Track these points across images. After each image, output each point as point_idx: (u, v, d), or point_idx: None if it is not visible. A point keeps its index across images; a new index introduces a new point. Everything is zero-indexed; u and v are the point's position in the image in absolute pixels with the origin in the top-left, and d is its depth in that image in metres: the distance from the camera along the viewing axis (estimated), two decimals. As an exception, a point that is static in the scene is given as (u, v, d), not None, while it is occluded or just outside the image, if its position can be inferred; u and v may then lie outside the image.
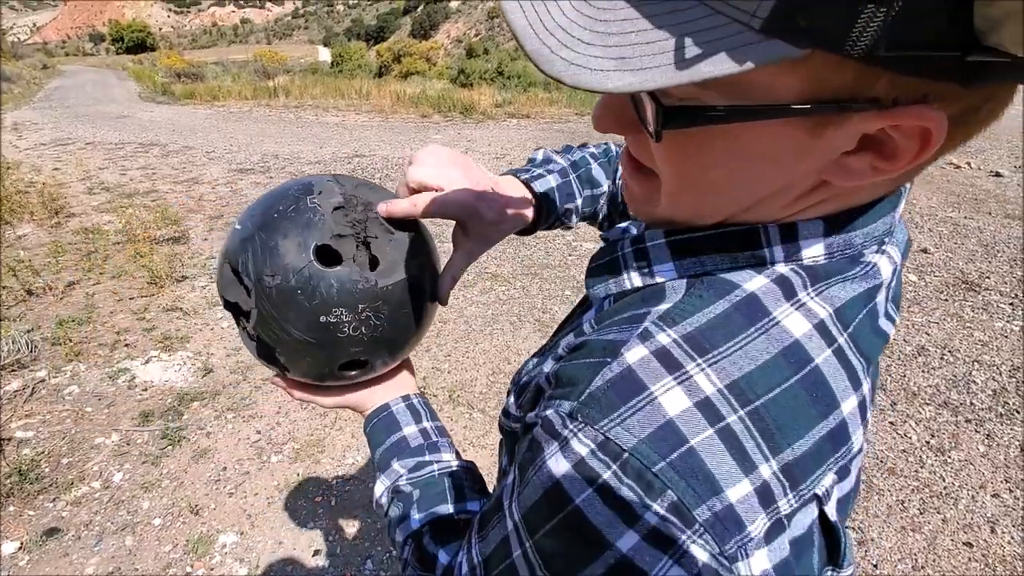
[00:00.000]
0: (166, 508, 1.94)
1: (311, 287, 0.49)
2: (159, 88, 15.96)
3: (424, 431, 0.58)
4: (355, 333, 0.51)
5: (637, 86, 0.24)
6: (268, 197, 0.54)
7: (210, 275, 3.83)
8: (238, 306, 0.52)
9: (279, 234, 0.50)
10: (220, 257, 0.54)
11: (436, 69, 18.49)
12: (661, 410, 0.29)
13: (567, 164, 0.67)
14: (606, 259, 0.40)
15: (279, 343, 0.52)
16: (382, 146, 8.42)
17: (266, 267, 0.49)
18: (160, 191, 5.98)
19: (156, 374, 2.73)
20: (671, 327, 0.31)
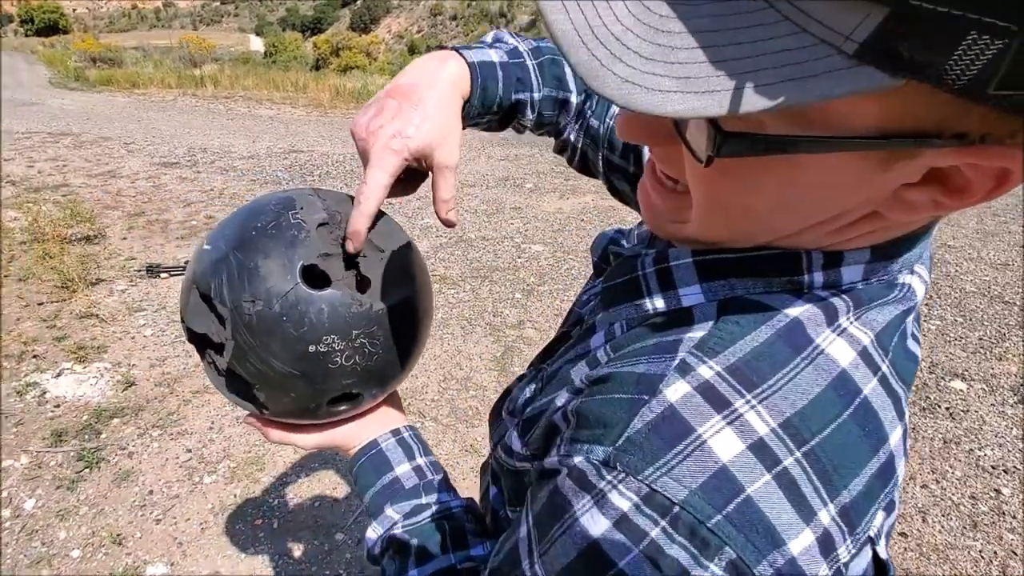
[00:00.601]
0: (85, 538, 1.75)
1: (298, 313, 0.44)
2: (72, 74, 14.67)
3: (418, 469, 0.53)
4: (348, 363, 0.46)
5: (702, 111, 0.21)
6: (242, 213, 0.48)
7: (130, 278, 3.53)
8: (207, 338, 0.45)
9: (259, 254, 0.44)
10: (185, 283, 0.47)
11: (377, 64, 18.05)
12: (712, 455, 0.26)
13: (525, 48, 0.55)
14: (623, 279, 0.36)
15: (259, 378, 0.45)
16: (321, 142, 8.10)
17: (245, 292, 0.43)
18: (72, 185, 5.47)
19: (69, 388, 2.48)
20: (712, 358, 0.29)
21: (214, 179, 5.88)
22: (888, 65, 0.20)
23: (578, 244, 4.49)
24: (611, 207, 5.52)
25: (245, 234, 0.45)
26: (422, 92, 0.46)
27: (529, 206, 5.49)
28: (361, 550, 1.76)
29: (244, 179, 5.92)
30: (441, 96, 0.47)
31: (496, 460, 0.55)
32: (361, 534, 1.82)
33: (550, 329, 3.19)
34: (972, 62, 0.19)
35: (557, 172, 6.91)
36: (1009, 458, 2.18)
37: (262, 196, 0.50)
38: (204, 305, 0.45)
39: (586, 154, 0.64)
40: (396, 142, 0.44)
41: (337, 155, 7.24)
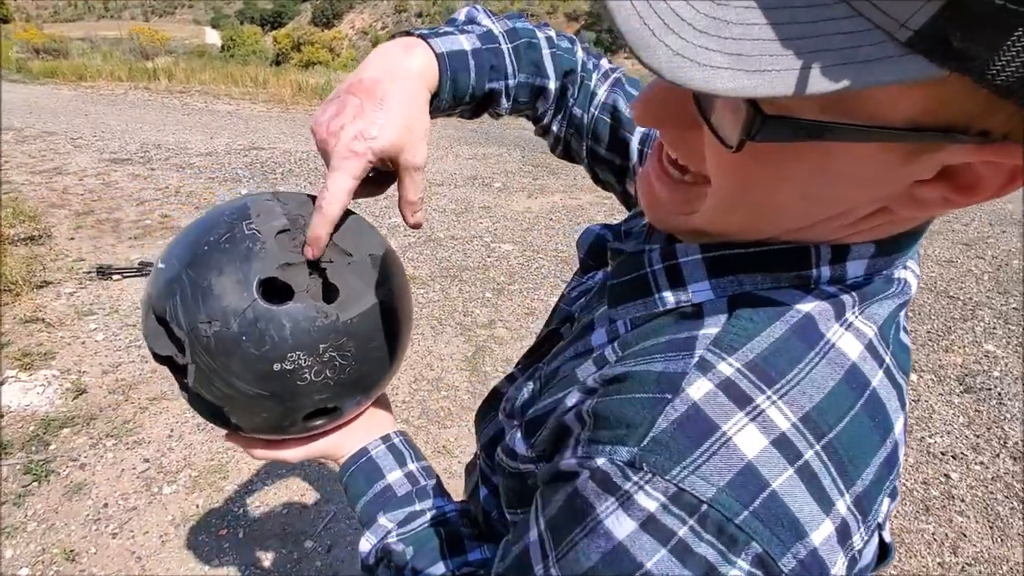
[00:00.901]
0: (34, 556, 1.65)
1: (258, 331, 0.41)
2: (13, 65, 13.85)
3: (410, 475, 0.51)
4: (318, 378, 0.43)
5: (751, 91, 0.21)
6: (195, 227, 0.46)
7: (79, 280, 3.35)
8: (172, 360, 0.44)
9: (212, 271, 0.42)
10: (143, 303, 0.45)
11: (340, 60, 17.71)
12: (738, 452, 0.26)
13: (500, 30, 0.52)
14: (630, 276, 0.36)
15: (226, 400, 0.43)
16: (283, 139, 7.89)
17: (200, 312, 0.41)
18: (14, 183, 5.16)
19: (14, 397, 2.33)
20: (731, 355, 0.29)
21: (169, 176, 5.65)
22: (937, 55, 0.20)
23: (547, 243, 4.51)
24: (579, 206, 5.57)
25: (198, 250, 0.43)
26: (386, 87, 0.43)
27: (498, 205, 5.47)
28: (331, 557, 1.72)
29: (202, 177, 5.71)
30: (406, 92, 0.44)
31: (487, 462, 0.53)
32: (331, 540, 1.77)
33: (521, 328, 3.19)
34: (1014, 58, 0.19)
35: (525, 171, 6.93)
36: (957, 444, 2.29)
37: (217, 206, 0.47)
38: (161, 328, 0.43)
39: (569, 143, 0.62)
40: (359, 144, 0.42)
41: (300, 152, 7.06)
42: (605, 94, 0.59)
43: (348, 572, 1.68)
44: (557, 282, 3.80)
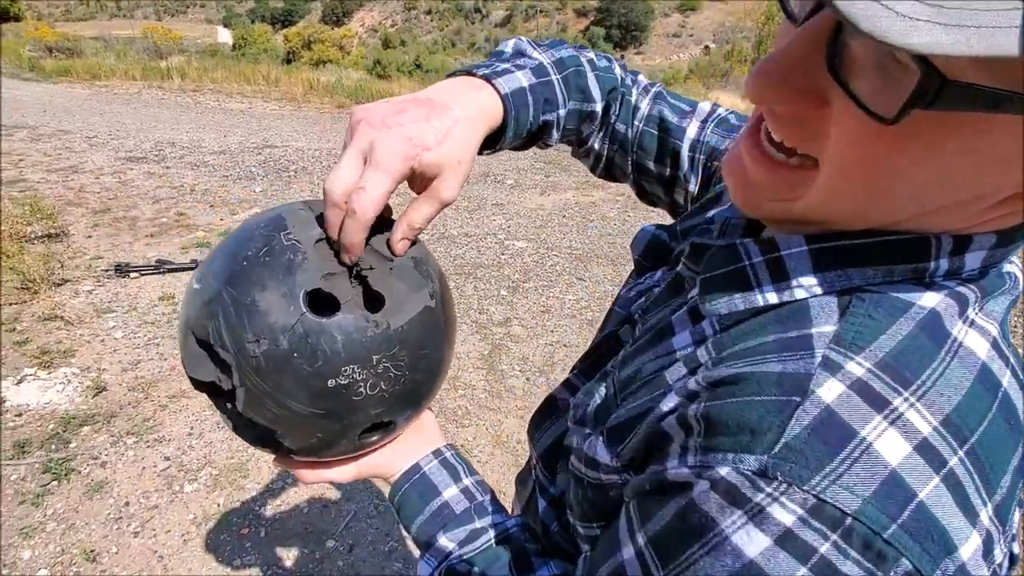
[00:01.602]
0: (54, 557, 1.64)
1: (309, 346, 0.39)
2: (26, 63, 14.01)
3: (466, 490, 0.49)
4: (373, 392, 0.41)
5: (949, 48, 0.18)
6: (229, 242, 0.43)
7: (97, 277, 3.37)
8: (216, 386, 0.41)
9: (254, 286, 0.39)
10: (181, 328, 0.42)
11: (351, 58, 17.73)
12: (881, 459, 0.24)
13: (548, 61, 0.51)
14: (727, 269, 0.33)
15: (279, 422, 0.40)
16: (296, 137, 7.91)
17: (246, 331, 0.38)
18: (30, 180, 5.20)
19: (33, 396, 2.34)
20: (857, 354, 0.27)
21: (184, 175, 5.67)
22: None
23: (560, 240, 4.47)
24: (591, 203, 5.52)
25: (236, 266, 0.40)
26: (455, 112, 0.42)
27: (511, 202, 5.44)
28: (353, 557, 1.70)
29: (216, 175, 5.73)
30: (471, 124, 0.43)
31: (544, 472, 0.50)
32: (352, 540, 1.75)
33: (537, 326, 3.16)
34: None
35: (537, 168, 6.89)
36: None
37: (248, 220, 0.45)
38: (203, 352, 0.40)
39: (612, 160, 0.61)
40: (411, 147, 0.39)
41: (312, 150, 7.07)
42: (648, 107, 0.58)
43: (370, 572, 1.66)
44: (571, 279, 3.76)
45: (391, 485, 0.49)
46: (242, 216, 4.57)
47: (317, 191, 5.36)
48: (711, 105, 0.58)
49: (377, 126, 0.39)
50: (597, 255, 4.22)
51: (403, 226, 0.42)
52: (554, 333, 3.10)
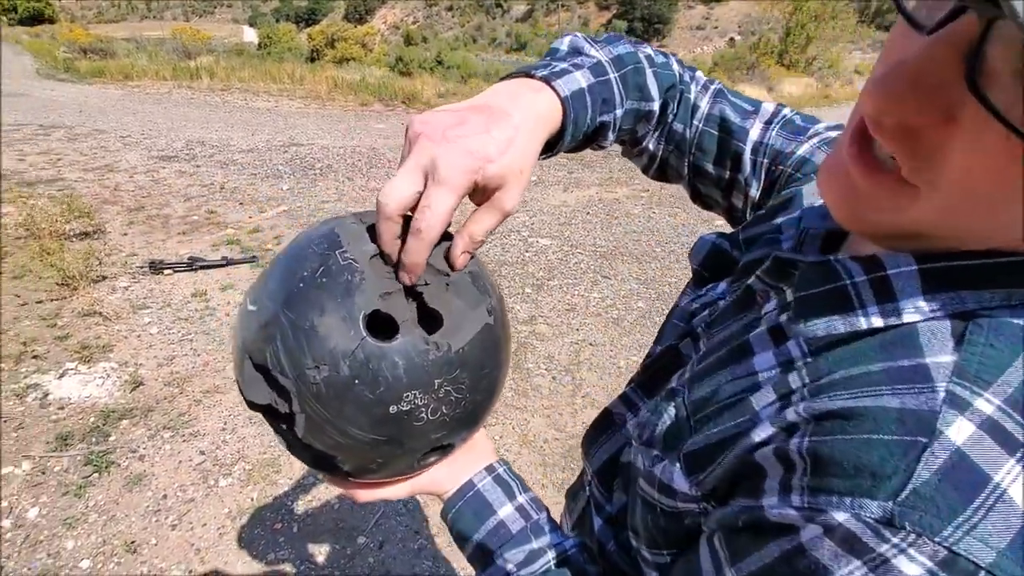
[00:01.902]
0: (96, 547, 1.69)
1: (371, 372, 0.37)
2: (61, 64, 14.43)
3: (521, 509, 0.47)
4: (434, 417, 0.40)
5: None
6: (282, 262, 0.42)
7: (132, 274, 3.45)
8: (272, 408, 0.40)
9: (313, 309, 0.38)
10: (236, 350, 0.41)
11: (373, 56, 17.85)
12: (1015, 507, 0.22)
13: (606, 59, 0.49)
14: (823, 289, 0.31)
15: (339, 449, 0.40)
16: (321, 135, 8.00)
17: (306, 357, 0.37)
18: (67, 180, 5.36)
19: (74, 390, 2.41)
20: (985, 389, 0.25)
21: (214, 173, 5.78)
22: None
23: (585, 238, 4.44)
24: (615, 200, 5.47)
25: (292, 287, 0.39)
26: (515, 119, 0.40)
27: (534, 199, 5.42)
28: (383, 554, 1.72)
29: (245, 173, 5.83)
30: (532, 132, 0.41)
31: (600, 489, 0.49)
32: (383, 537, 1.77)
33: (562, 324, 3.15)
34: None
35: (560, 164, 6.85)
36: None
37: (301, 236, 0.44)
38: (260, 376, 0.40)
39: (667, 161, 0.59)
40: (473, 161, 0.38)
41: (337, 148, 7.15)
42: (708, 105, 0.56)
43: (400, 570, 1.67)
44: (596, 277, 3.73)
45: (444, 502, 0.49)
46: (270, 214, 4.64)
47: (343, 189, 5.42)
48: (775, 105, 0.56)
49: (438, 140, 0.38)
50: (622, 253, 4.18)
51: (464, 239, 0.41)
52: (579, 331, 3.08)
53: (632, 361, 2.78)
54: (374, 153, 6.99)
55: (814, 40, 18.30)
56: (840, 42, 19.05)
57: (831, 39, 18.84)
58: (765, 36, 20.28)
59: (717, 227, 4.78)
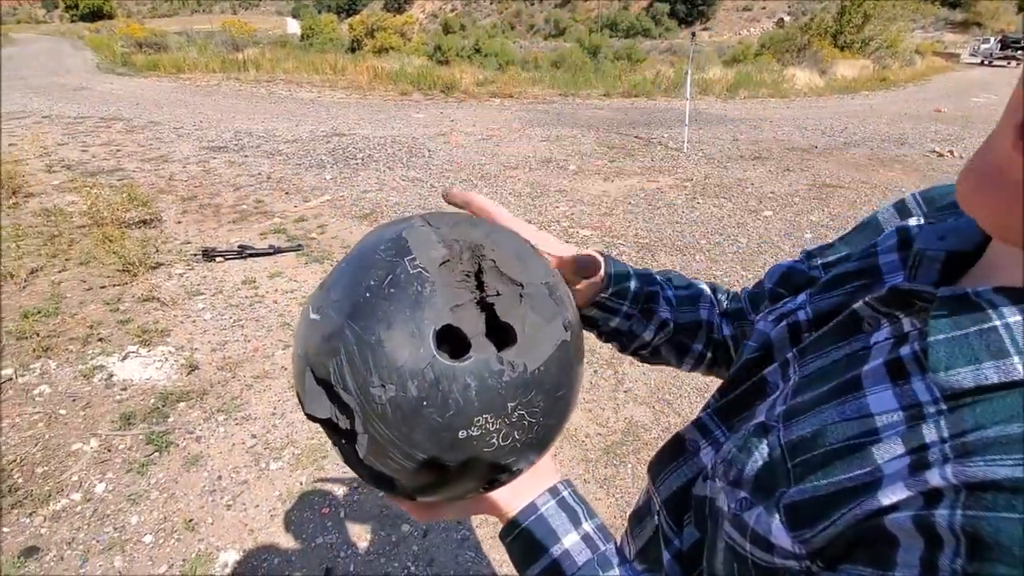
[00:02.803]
0: (157, 523, 1.78)
1: (440, 394, 0.35)
2: (119, 59, 15.08)
3: (587, 538, 0.44)
4: (505, 443, 0.37)
5: None
6: (349, 267, 0.40)
7: (187, 261, 3.60)
8: (333, 423, 0.38)
9: (380, 323, 0.35)
10: (297, 361, 0.39)
11: (411, 45, 17.92)
12: None
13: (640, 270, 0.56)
14: (969, 330, 0.27)
15: (402, 472, 0.37)
16: (362, 124, 8.11)
17: (371, 375, 0.35)
18: (126, 169, 5.62)
19: (135, 371, 2.53)
20: None
21: (261, 163, 5.94)
22: None
23: (627, 228, 4.36)
24: (658, 189, 5.35)
25: (358, 298, 0.37)
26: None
27: (574, 189, 5.36)
28: (427, 542, 1.74)
29: (290, 163, 5.97)
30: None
31: (670, 521, 0.46)
32: (427, 525, 1.79)
33: (604, 317, 3.10)
34: None
35: (600, 153, 6.74)
36: None
37: (367, 239, 0.41)
38: (321, 389, 0.37)
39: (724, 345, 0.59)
40: None
41: (378, 138, 7.23)
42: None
43: (443, 559, 1.69)
44: (639, 269, 3.66)
45: (505, 524, 0.46)
46: (314, 203, 4.74)
47: (384, 179, 5.48)
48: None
49: None
50: (664, 244, 4.08)
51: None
52: (621, 324, 3.03)
53: (676, 356, 2.72)
54: (414, 142, 7.04)
55: (871, 19, 17.32)
56: (900, 20, 17.99)
57: (890, 18, 17.82)
58: (819, 16, 19.32)
59: (765, 218, 4.62)
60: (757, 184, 5.54)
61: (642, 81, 12.13)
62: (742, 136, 7.58)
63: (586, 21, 34.67)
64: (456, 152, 6.63)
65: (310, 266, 3.59)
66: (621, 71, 13.35)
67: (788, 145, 7.31)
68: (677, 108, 8.04)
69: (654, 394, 2.46)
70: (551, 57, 15.06)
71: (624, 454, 2.11)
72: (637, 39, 24.07)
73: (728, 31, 35.29)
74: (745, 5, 39.24)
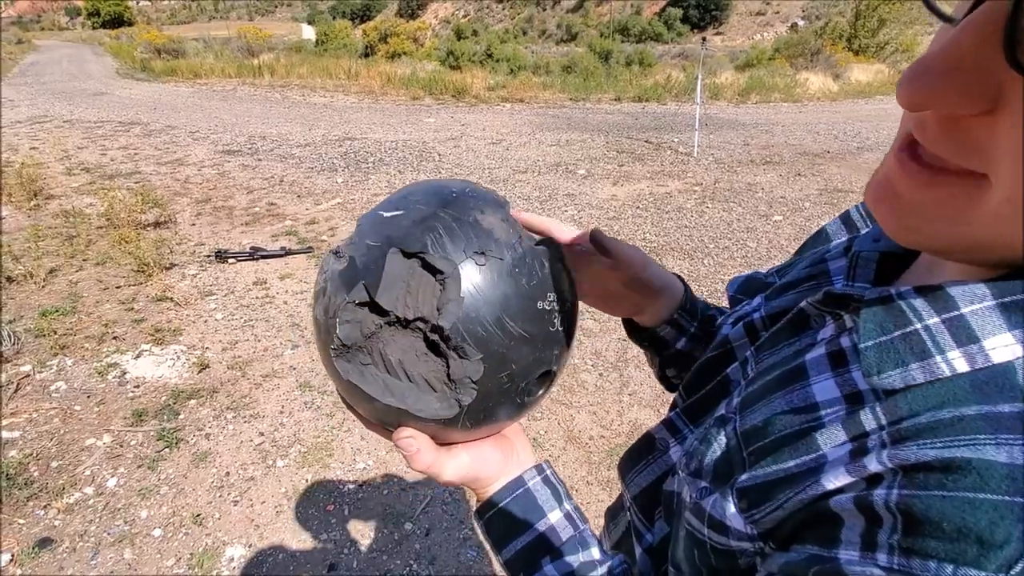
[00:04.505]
0: (166, 517, 1.82)
1: (527, 266, 0.40)
2: (138, 64, 15.39)
3: (568, 516, 0.45)
4: (561, 327, 0.42)
5: None
6: (421, 185, 0.45)
7: (200, 262, 3.66)
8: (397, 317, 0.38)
9: (473, 210, 0.41)
10: (369, 250, 0.39)
11: (424, 50, 18.08)
12: None
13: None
14: (894, 335, 0.28)
15: (484, 345, 0.38)
16: (374, 129, 8.19)
17: (472, 244, 0.38)
18: (143, 172, 5.73)
19: (148, 369, 2.59)
20: None
21: (274, 167, 6.03)
22: None
23: (635, 232, 4.36)
24: (666, 193, 5.34)
25: (445, 196, 0.41)
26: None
27: (583, 193, 5.37)
28: (429, 540, 1.76)
29: (302, 167, 6.05)
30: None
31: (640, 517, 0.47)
32: (429, 524, 1.81)
33: (609, 320, 3.11)
34: None
35: (609, 157, 6.74)
36: None
37: (424, 182, 0.47)
38: (409, 268, 0.38)
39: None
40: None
41: (389, 142, 7.30)
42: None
43: (445, 557, 1.71)
44: (647, 273, 3.66)
45: (489, 495, 0.46)
46: (325, 206, 4.80)
47: (395, 182, 5.54)
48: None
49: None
50: (672, 248, 4.08)
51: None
52: (627, 328, 3.04)
53: (681, 359, 2.72)
54: (424, 147, 7.10)
55: (887, 23, 17.16)
56: (917, 24, 17.79)
57: (907, 21, 17.63)
58: (833, 20, 19.19)
59: (775, 222, 4.59)
60: (767, 189, 5.51)
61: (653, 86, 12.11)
62: (753, 141, 7.54)
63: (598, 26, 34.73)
64: (466, 156, 6.68)
65: (320, 268, 3.64)
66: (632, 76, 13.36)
67: (800, 150, 7.26)
68: (688, 112, 8.03)
69: (659, 397, 2.46)
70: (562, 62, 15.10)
71: (627, 456, 2.12)
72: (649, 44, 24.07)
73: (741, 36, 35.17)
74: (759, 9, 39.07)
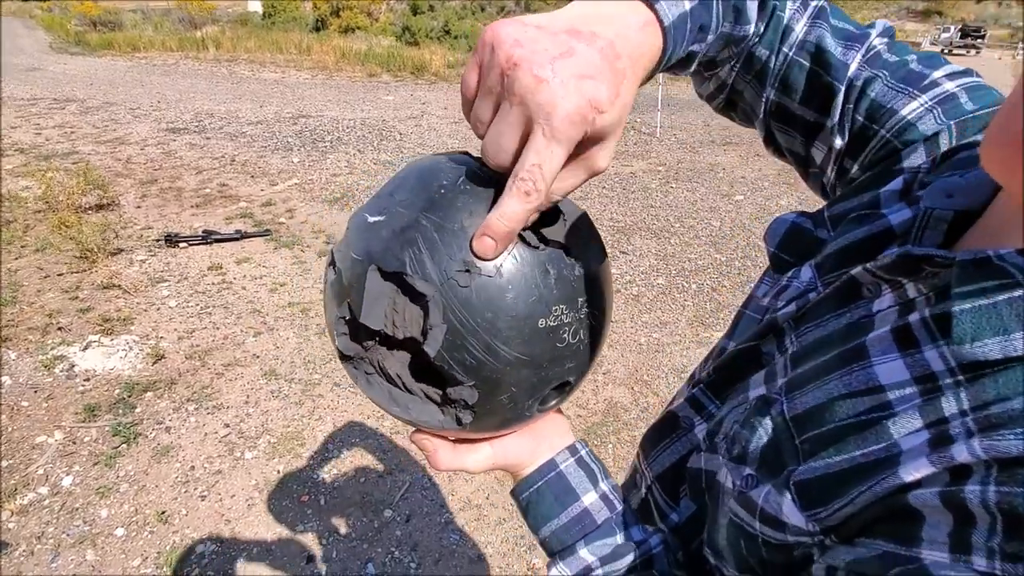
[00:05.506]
0: (129, 516, 1.72)
1: (524, 279, 0.34)
2: (72, 38, 14.30)
3: (605, 497, 0.43)
4: (574, 340, 0.37)
5: None
6: (412, 175, 0.38)
7: (148, 247, 3.45)
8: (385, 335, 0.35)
9: (461, 212, 0.34)
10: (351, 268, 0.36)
11: (379, 25, 17.48)
12: None
13: None
14: (1001, 298, 0.25)
15: (476, 372, 0.35)
16: (330, 106, 7.90)
17: (455, 260, 0.33)
18: (82, 152, 5.35)
19: (98, 361, 2.43)
20: None
21: (224, 146, 5.73)
22: None
23: (602, 212, 4.38)
24: (631, 174, 5.38)
25: (432, 194, 0.35)
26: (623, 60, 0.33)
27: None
28: (410, 527, 1.73)
29: (255, 145, 5.77)
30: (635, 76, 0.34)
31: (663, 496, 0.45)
32: (409, 511, 1.78)
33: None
34: None
35: (574, 137, 6.73)
36: None
37: (423, 158, 0.39)
38: (391, 287, 0.34)
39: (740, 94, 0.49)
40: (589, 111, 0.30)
41: (347, 120, 7.05)
42: (805, 30, 0.45)
43: (427, 543, 1.69)
44: (614, 253, 3.68)
45: (521, 480, 0.44)
46: (282, 187, 4.61)
47: (354, 161, 5.36)
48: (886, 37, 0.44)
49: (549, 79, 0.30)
50: (640, 227, 4.11)
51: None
52: (598, 307, 3.05)
53: (653, 339, 2.76)
54: (384, 125, 6.90)
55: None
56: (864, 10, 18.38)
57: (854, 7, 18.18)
58: (784, 3, 19.61)
59: (736, 202, 4.69)
60: (728, 169, 5.61)
61: (614, 65, 12.15)
62: (713, 122, 7.65)
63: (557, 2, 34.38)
64: (428, 135, 6.52)
65: (280, 251, 3.49)
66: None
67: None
68: (649, 93, 8.06)
69: (632, 375, 2.49)
70: None
71: (605, 435, 2.13)
72: (608, 23, 24.02)
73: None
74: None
